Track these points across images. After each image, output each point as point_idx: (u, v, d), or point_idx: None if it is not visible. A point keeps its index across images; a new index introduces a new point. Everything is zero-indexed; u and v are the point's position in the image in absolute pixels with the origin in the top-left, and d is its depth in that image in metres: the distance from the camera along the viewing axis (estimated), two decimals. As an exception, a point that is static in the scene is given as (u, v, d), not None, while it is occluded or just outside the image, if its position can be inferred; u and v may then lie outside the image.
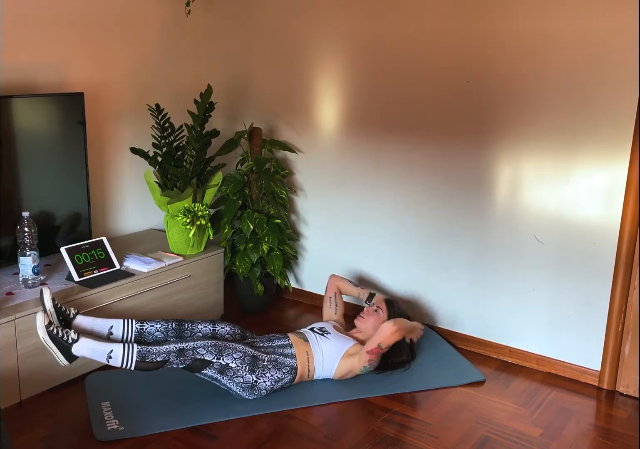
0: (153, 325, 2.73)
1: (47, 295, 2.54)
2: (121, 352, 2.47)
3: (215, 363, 2.55)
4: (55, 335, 2.44)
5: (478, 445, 2.45)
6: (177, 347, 2.52)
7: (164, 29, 3.62)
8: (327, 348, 2.78)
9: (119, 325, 2.68)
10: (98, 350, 2.47)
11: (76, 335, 2.48)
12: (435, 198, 3.22)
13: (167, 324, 2.75)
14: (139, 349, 2.48)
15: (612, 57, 2.65)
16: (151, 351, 2.49)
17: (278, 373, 2.65)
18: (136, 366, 2.47)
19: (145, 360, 2.47)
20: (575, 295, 2.91)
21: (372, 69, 3.29)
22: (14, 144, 2.85)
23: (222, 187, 3.41)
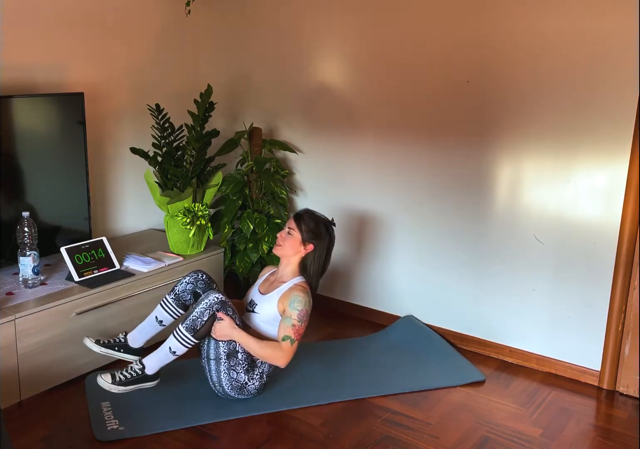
0: (182, 281, 2.74)
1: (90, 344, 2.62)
2: (176, 341, 2.51)
3: (232, 343, 2.55)
4: (127, 381, 2.49)
5: (478, 445, 2.45)
6: (218, 298, 2.52)
7: (164, 29, 3.62)
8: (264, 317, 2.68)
9: (160, 310, 2.72)
10: (163, 356, 2.54)
11: (139, 364, 2.53)
12: (436, 198, 3.22)
13: (196, 274, 2.75)
14: (185, 325, 2.50)
15: (612, 57, 2.65)
16: (194, 317, 2.50)
17: (257, 369, 2.63)
18: (197, 337, 2.51)
19: (197, 328, 2.50)
20: (575, 295, 2.91)
21: (372, 69, 3.29)
22: (14, 144, 2.85)
23: (222, 187, 3.41)
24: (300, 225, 2.72)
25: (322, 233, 2.73)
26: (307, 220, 2.73)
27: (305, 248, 2.71)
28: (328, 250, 2.78)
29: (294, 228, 2.72)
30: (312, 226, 2.72)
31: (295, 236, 2.71)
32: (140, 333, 2.71)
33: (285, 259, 2.74)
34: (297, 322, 2.58)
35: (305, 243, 2.71)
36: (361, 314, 3.57)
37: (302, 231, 2.71)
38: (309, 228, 2.71)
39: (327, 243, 2.76)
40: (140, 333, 2.71)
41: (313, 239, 2.71)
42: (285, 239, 2.73)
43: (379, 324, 3.45)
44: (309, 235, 2.71)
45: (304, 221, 2.73)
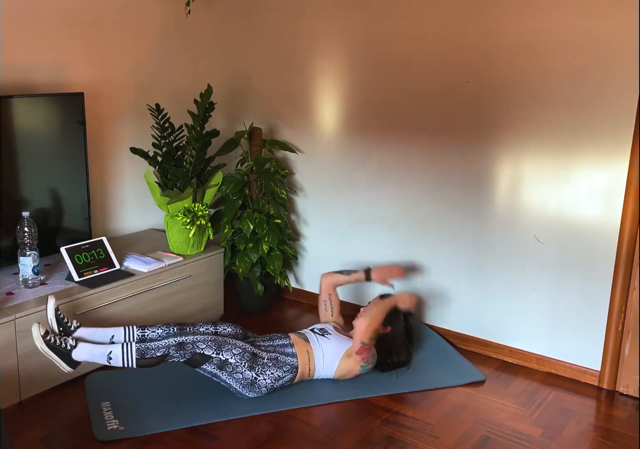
0: (154, 330, 2.72)
1: (51, 304, 2.55)
2: (120, 351, 2.48)
3: (215, 358, 2.55)
4: (54, 343, 2.45)
5: (478, 445, 2.45)
6: (176, 341, 2.53)
7: (164, 29, 3.62)
8: (328, 348, 2.78)
9: (120, 332, 2.67)
10: (97, 353, 2.49)
11: (74, 341, 2.49)
12: (436, 198, 3.22)
13: (168, 328, 2.73)
14: (137, 347, 2.49)
15: (612, 57, 2.65)
16: (150, 347, 2.50)
17: (279, 371, 2.65)
18: (137, 363, 2.48)
19: (145, 356, 2.48)
20: (575, 295, 2.91)
21: (373, 69, 3.29)
22: (14, 144, 2.85)
23: (222, 187, 3.41)
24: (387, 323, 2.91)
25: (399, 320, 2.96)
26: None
27: (384, 329, 2.90)
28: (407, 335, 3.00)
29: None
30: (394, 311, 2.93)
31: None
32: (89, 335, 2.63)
33: None
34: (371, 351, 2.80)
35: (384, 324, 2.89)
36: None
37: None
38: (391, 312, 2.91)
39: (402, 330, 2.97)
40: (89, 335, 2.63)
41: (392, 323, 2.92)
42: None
43: (379, 324, 3.45)
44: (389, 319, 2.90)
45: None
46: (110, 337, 2.66)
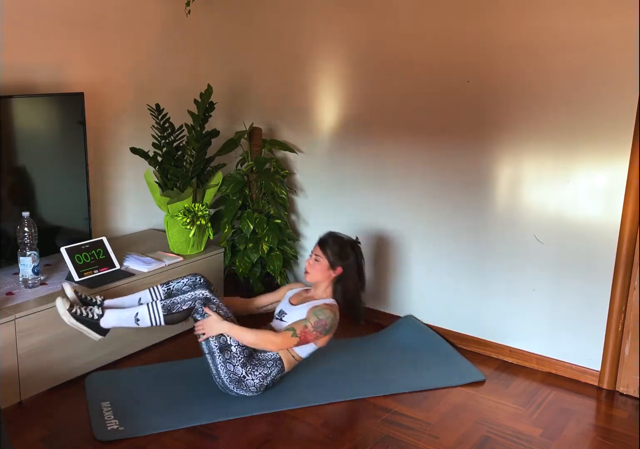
0: (179, 280, 2.74)
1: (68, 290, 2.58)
2: (147, 311, 2.51)
3: (222, 337, 2.57)
4: (80, 315, 2.49)
5: (478, 445, 2.45)
6: (204, 294, 2.54)
7: (164, 29, 3.62)
8: None
9: (146, 294, 2.71)
10: (124, 317, 2.53)
11: (100, 310, 2.53)
12: (435, 198, 3.22)
13: (195, 277, 2.75)
14: (163, 303, 2.52)
15: (612, 57, 2.65)
16: (176, 301, 2.52)
17: (264, 369, 2.63)
18: (165, 320, 2.51)
19: (172, 311, 2.51)
20: (575, 295, 2.91)
21: (373, 69, 3.29)
22: (14, 144, 2.85)
23: (222, 187, 3.41)
24: (326, 251, 2.77)
25: (348, 254, 2.78)
26: (331, 245, 2.78)
27: (334, 272, 2.77)
28: (359, 267, 2.82)
29: (320, 254, 2.78)
30: (337, 249, 2.77)
31: (322, 262, 2.77)
32: (117, 303, 2.68)
33: (317, 283, 2.81)
34: (310, 326, 2.62)
35: (333, 267, 2.76)
36: (361, 314, 3.57)
37: (328, 256, 2.76)
38: (334, 252, 2.77)
39: (356, 261, 2.81)
40: (117, 303, 2.68)
41: (341, 261, 2.76)
42: (313, 266, 2.78)
43: (379, 324, 3.45)
44: (336, 259, 2.76)
45: (329, 246, 2.78)
46: (137, 300, 2.70)
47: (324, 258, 2.77)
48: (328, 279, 2.78)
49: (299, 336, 2.60)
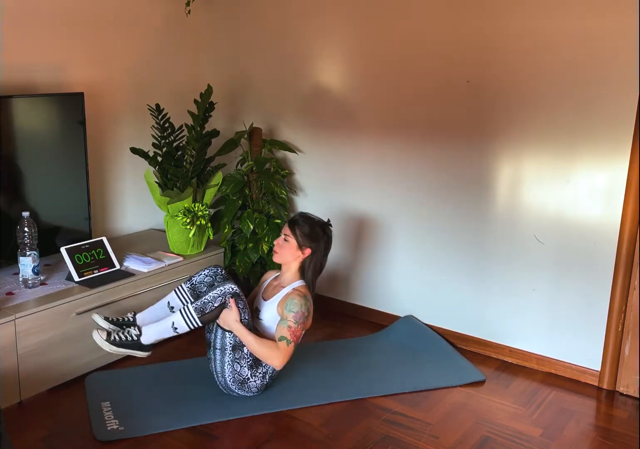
0: (200, 273, 2.77)
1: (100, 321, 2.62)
2: (181, 318, 2.52)
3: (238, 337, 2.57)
4: (120, 341, 2.52)
5: (478, 445, 2.45)
6: (234, 289, 2.55)
7: (164, 29, 3.62)
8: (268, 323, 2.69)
9: (173, 297, 2.74)
10: (163, 329, 2.55)
11: (136, 329, 2.55)
12: (436, 198, 3.22)
13: (215, 268, 2.78)
14: (194, 306, 2.52)
15: (612, 57, 2.64)
16: (206, 301, 2.53)
17: (262, 368, 2.64)
18: (201, 321, 2.53)
19: (205, 311, 2.52)
20: (575, 295, 2.91)
21: (372, 69, 3.29)
22: (14, 144, 2.85)
23: (222, 187, 3.41)
24: (295, 231, 2.72)
25: (318, 235, 2.73)
26: (301, 225, 2.73)
27: (303, 253, 2.72)
28: (325, 250, 2.78)
29: (289, 234, 2.73)
30: (307, 230, 2.72)
31: (291, 242, 2.71)
32: (149, 315, 2.71)
33: (286, 265, 2.76)
34: (292, 323, 2.59)
35: (302, 248, 2.71)
36: (361, 314, 3.57)
37: (297, 236, 2.71)
38: (304, 233, 2.71)
39: (324, 244, 2.76)
40: (149, 315, 2.71)
41: (310, 242, 2.71)
42: (282, 246, 2.73)
43: (379, 324, 3.45)
44: (305, 239, 2.71)
45: (299, 226, 2.73)
46: (167, 305, 2.72)
47: (293, 238, 2.71)
48: (296, 260, 2.73)
49: (292, 340, 2.59)
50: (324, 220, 2.81)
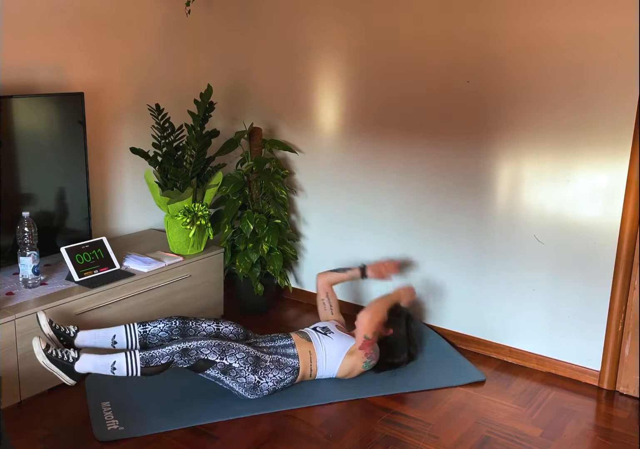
0: (156, 325, 2.70)
1: (43, 320, 2.53)
2: (124, 361, 2.44)
3: (219, 363, 2.54)
4: (55, 357, 2.40)
5: (478, 445, 2.45)
6: (180, 347, 2.50)
7: (163, 29, 3.62)
8: (330, 348, 2.77)
9: (121, 332, 2.65)
10: (101, 364, 2.44)
11: (76, 353, 2.45)
12: (436, 198, 3.22)
13: (170, 322, 2.72)
14: (141, 355, 2.45)
15: (612, 57, 2.65)
16: (154, 355, 2.47)
17: (280, 373, 2.65)
18: (142, 372, 2.45)
19: (150, 364, 2.45)
20: (575, 295, 2.91)
21: (372, 69, 3.29)
22: (14, 144, 2.85)
23: (222, 187, 3.41)
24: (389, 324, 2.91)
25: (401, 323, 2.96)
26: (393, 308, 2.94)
27: (386, 331, 2.90)
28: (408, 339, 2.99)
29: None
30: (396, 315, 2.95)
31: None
32: (90, 339, 2.62)
33: None
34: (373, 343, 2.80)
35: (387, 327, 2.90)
36: (361, 314, 3.56)
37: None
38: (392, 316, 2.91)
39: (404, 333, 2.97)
40: (90, 339, 2.62)
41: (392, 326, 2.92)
42: None
43: (379, 324, 3.45)
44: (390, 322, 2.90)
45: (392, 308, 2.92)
46: (111, 338, 2.64)
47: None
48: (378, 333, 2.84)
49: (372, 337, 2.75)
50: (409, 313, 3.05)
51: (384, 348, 2.87)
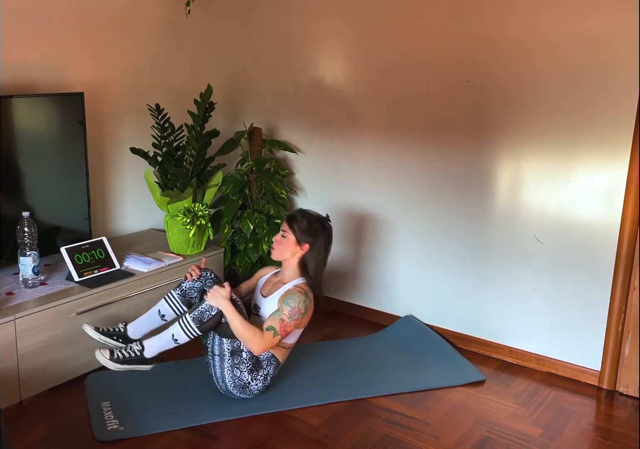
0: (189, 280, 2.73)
1: (90, 331, 2.59)
2: (180, 330, 2.50)
3: (237, 342, 2.55)
4: (124, 358, 2.49)
5: (478, 445, 2.45)
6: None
7: (164, 29, 3.62)
8: None
9: (164, 305, 2.71)
10: (163, 342, 2.53)
11: (139, 345, 2.53)
12: (436, 198, 3.22)
13: (205, 273, 2.74)
14: (192, 316, 2.50)
15: (612, 57, 2.65)
16: (202, 310, 2.50)
17: (262, 370, 2.63)
18: (201, 330, 2.50)
19: (204, 320, 2.50)
20: (575, 295, 2.91)
21: (372, 69, 3.29)
22: (14, 144, 2.85)
23: (222, 187, 3.41)
24: (293, 226, 2.71)
25: (317, 230, 2.72)
26: (299, 220, 2.72)
27: (302, 248, 2.71)
28: (326, 245, 2.77)
29: (286, 230, 2.72)
30: (305, 225, 2.71)
31: (289, 238, 2.70)
32: (140, 325, 2.69)
33: (285, 261, 2.74)
34: (286, 317, 2.56)
35: (300, 244, 2.70)
36: (361, 314, 3.57)
37: (295, 231, 2.70)
38: (302, 228, 2.70)
39: (324, 239, 2.75)
40: (140, 325, 2.69)
41: (308, 238, 2.70)
42: (280, 242, 2.72)
43: (379, 324, 3.45)
44: (303, 235, 2.70)
45: (296, 221, 2.72)
46: (158, 313, 2.69)
47: (291, 233, 2.70)
48: (295, 256, 2.71)
49: (279, 333, 2.55)
50: (323, 215, 2.80)
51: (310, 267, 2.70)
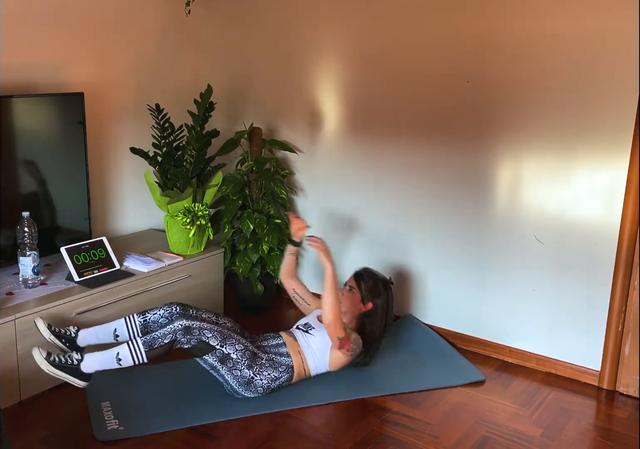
0: (156, 312, 2.69)
1: (42, 326, 2.53)
2: (127, 350, 2.44)
3: (218, 351, 2.54)
4: (59, 362, 2.41)
5: (478, 445, 2.45)
6: (182, 325, 2.49)
7: (164, 29, 3.62)
8: (315, 344, 2.74)
9: (122, 325, 2.66)
10: (106, 359, 2.45)
11: (79, 355, 2.45)
12: (436, 198, 3.22)
13: (170, 308, 2.70)
14: (143, 340, 2.46)
15: (612, 57, 2.65)
16: (156, 336, 2.46)
17: (275, 372, 2.64)
18: (147, 356, 2.45)
19: (154, 346, 2.45)
20: (575, 295, 2.91)
21: (373, 69, 3.29)
22: (14, 144, 2.85)
23: (222, 187, 3.41)
24: (360, 284, 2.86)
25: (380, 292, 2.86)
26: (366, 279, 2.87)
27: (365, 307, 2.84)
28: (388, 308, 2.87)
29: (354, 286, 2.87)
30: (371, 285, 2.86)
31: (356, 294, 2.85)
32: (90, 335, 2.63)
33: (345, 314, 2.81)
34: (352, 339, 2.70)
35: (365, 302, 2.83)
36: (361, 314, 3.56)
37: (361, 289, 2.85)
38: (368, 287, 2.85)
39: (385, 301, 2.86)
40: (90, 335, 2.63)
41: (372, 298, 2.84)
42: (347, 297, 2.86)
43: (379, 324, 3.45)
44: (368, 294, 2.83)
45: (364, 280, 2.87)
46: (113, 332, 2.65)
47: (358, 291, 2.85)
48: (357, 312, 2.84)
49: (344, 335, 2.65)
50: (387, 278, 2.93)
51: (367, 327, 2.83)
